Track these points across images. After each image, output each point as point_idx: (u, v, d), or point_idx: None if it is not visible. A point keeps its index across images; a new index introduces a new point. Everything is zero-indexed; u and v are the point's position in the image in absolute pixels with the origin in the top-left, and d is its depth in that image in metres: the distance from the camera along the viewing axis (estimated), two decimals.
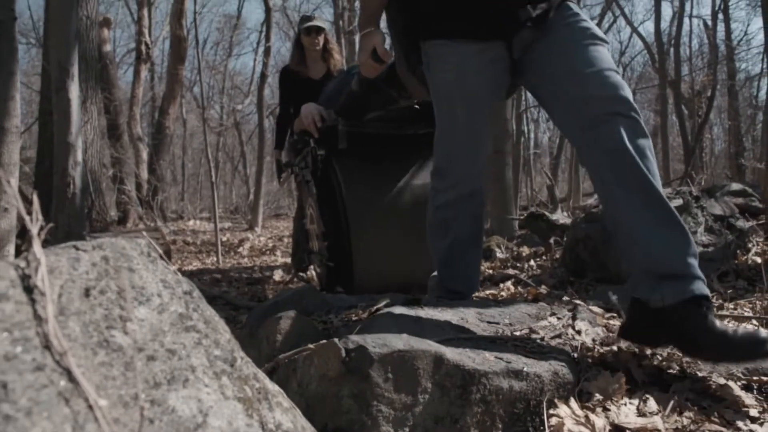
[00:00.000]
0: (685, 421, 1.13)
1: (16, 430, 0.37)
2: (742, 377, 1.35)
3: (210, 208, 18.94)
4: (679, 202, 3.34)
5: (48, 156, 5.20)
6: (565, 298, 2.46)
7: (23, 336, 0.44)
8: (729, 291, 2.63)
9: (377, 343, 1.01)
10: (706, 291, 1.36)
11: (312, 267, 3.24)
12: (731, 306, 2.29)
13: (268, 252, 6.60)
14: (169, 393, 0.54)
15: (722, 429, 1.11)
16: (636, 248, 1.39)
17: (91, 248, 0.57)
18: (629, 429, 1.09)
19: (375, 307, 1.53)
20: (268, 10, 13.17)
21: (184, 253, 6.42)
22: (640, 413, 1.17)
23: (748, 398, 1.23)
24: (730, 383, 1.28)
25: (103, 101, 7.65)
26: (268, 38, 13.04)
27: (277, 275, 4.07)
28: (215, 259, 5.51)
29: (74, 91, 4.10)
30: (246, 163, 21.54)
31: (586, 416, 1.10)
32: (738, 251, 3.51)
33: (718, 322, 1.32)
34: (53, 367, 0.44)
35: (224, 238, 7.73)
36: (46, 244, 0.54)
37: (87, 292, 0.54)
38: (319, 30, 3.86)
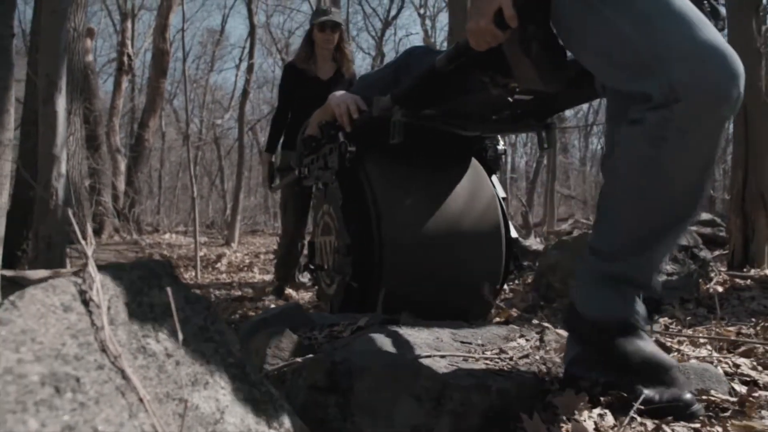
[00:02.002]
0: (636, 423, 1.25)
1: (89, 413, 0.47)
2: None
3: (186, 221, 18.87)
4: None
5: (30, 166, 5.22)
6: (535, 321, 2.59)
7: (86, 341, 0.54)
8: (689, 318, 2.77)
9: (361, 357, 1.12)
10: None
11: (302, 280, 3.18)
12: (689, 332, 2.44)
13: (245, 268, 6.66)
14: (193, 393, 0.65)
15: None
16: None
17: (129, 269, 0.67)
18: None
19: (356, 325, 1.63)
20: (252, 27, 13.29)
21: None
22: (597, 428, 1.28)
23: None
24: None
25: (84, 111, 7.68)
26: (251, 55, 13.14)
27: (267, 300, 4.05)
28: (194, 274, 5.56)
29: (61, 103, 4.15)
30: (224, 178, 21.53)
31: (548, 429, 1.21)
32: (700, 280, 3.67)
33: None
34: (110, 366, 0.54)
35: (201, 253, 7.76)
36: (25, 255, 0.65)
37: (128, 306, 0.64)
38: (335, 26, 3.54)
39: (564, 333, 1.97)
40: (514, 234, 2.38)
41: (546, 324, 1.96)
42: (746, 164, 5.03)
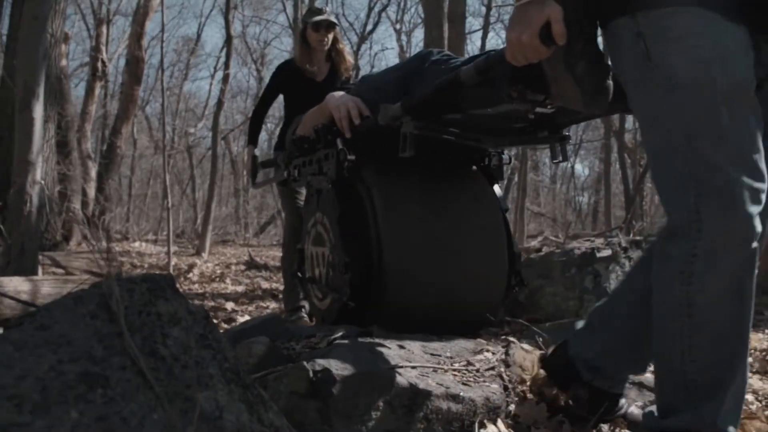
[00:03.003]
0: None
1: (117, 407, 0.55)
2: (645, 407, 1.59)
3: (156, 230, 18.68)
4: (608, 252, 3.66)
5: (3, 172, 5.20)
6: (502, 336, 2.69)
7: (110, 344, 0.62)
8: None
9: (339, 366, 1.21)
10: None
11: (301, 297, 2.93)
12: None
13: (217, 279, 6.67)
14: (195, 393, 0.73)
15: None
16: None
17: (139, 281, 0.76)
18: None
19: (332, 337, 1.71)
20: (229, 38, 13.35)
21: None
22: None
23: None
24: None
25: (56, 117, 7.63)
26: (227, 65, 13.17)
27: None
28: None
29: (38, 111, 4.17)
30: (195, 187, 21.39)
31: None
32: None
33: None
34: (131, 367, 0.62)
35: (173, 263, 7.74)
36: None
37: (140, 315, 0.72)
38: (329, 26, 3.36)
39: (528, 347, 2.07)
40: (515, 249, 2.28)
41: (512, 339, 2.06)
42: None
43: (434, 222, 2.10)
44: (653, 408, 1.23)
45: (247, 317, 3.68)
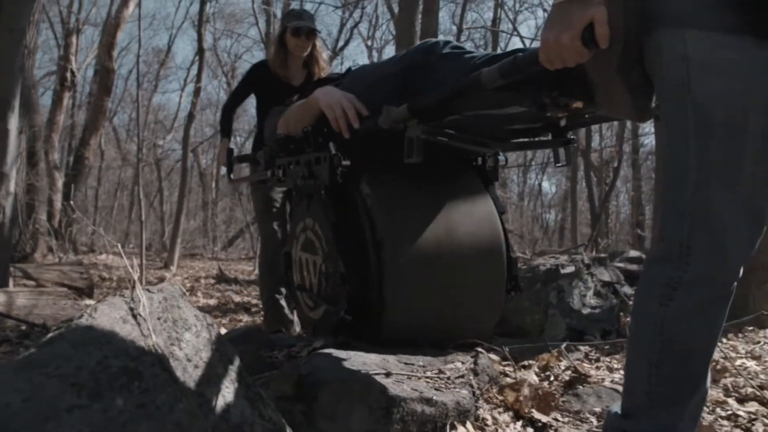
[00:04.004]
0: None
1: (151, 397, 0.66)
2: (603, 414, 1.73)
3: (123, 242, 18.45)
4: (572, 268, 3.82)
5: None
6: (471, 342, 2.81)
7: (140, 345, 0.72)
8: (607, 347, 3.07)
9: (324, 371, 1.32)
10: None
11: (285, 306, 2.90)
12: (607, 360, 2.72)
13: (188, 292, 6.69)
14: (206, 390, 0.83)
15: None
16: None
17: (157, 291, 0.86)
18: None
19: (312, 347, 1.82)
20: (201, 51, 13.36)
21: (102, 288, 6.41)
22: None
23: None
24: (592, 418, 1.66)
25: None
26: (199, 78, 13.18)
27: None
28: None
29: (13, 122, 4.19)
30: (162, 200, 21.20)
31: None
32: (621, 313, 4.00)
33: None
34: (158, 364, 0.72)
35: (138, 276, 7.72)
36: None
37: (159, 320, 0.82)
38: (310, 33, 3.25)
39: (495, 357, 2.20)
40: (513, 253, 2.22)
41: (480, 350, 2.18)
42: None
43: (434, 229, 2.00)
44: (617, 408, 1.31)
45: (223, 330, 3.74)
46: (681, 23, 1.10)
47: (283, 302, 3.27)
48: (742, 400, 2.02)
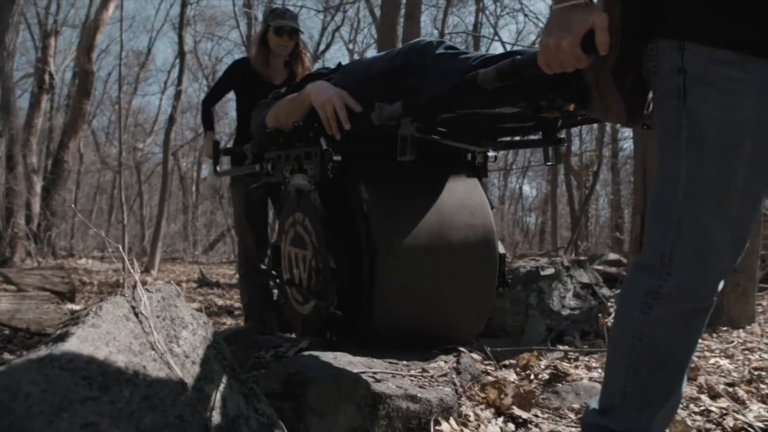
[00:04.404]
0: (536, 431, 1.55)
1: (155, 389, 0.69)
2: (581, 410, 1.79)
3: (103, 246, 18.25)
4: (551, 270, 3.89)
5: None
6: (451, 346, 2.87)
7: (143, 341, 0.76)
8: (586, 346, 3.14)
9: (312, 369, 1.36)
10: None
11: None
12: (585, 359, 2.79)
13: None
14: (204, 385, 0.87)
15: None
16: None
17: (155, 291, 0.89)
18: None
19: (299, 347, 1.85)
20: (182, 55, 13.31)
21: (84, 293, 6.36)
22: (502, 431, 1.57)
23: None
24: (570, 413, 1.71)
25: None
26: (180, 81, 13.12)
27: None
28: None
29: None
30: (142, 203, 21.03)
31: (462, 431, 1.48)
32: (600, 314, 4.08)
33: None
34: (160, 360, 0.76)
35: (121, 280, 7.67)
36: None
37: (158, 318, 0.86)
38: (292, 32, 3.22)
39: (477, 357, 2.25)
40: (501, 250, 2.21)
41: (462, 349, 2.24)
42: (644, 210, 5.61)
43: (428, 225, 2.00)
44: (595, 403, 1.34)
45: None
46: (681, 35, 1.10)
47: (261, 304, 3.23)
48: (714, 397, 2.10)
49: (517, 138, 2.16)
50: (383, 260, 1.92)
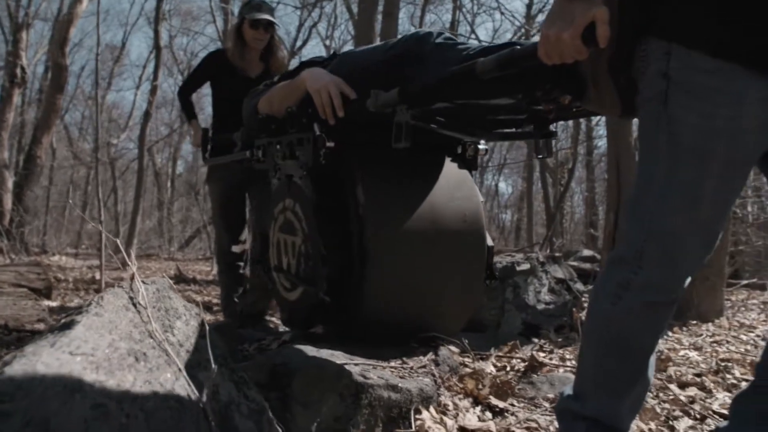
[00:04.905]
0: (512, 420, 1.61)
1: (156, 375, 0.73)
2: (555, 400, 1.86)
3: (76, 243, 18.03)
4: (527, 266, 3.98)
5: None
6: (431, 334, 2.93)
7: (142, 330, 0.80)
8: (560, 339, 3.23)
9: (297, 361, 1.40)
10: None
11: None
12: (560, 351, 2.87)
13: None
14: (198, 373, 0.91)
15: (533, 425, 1.59)
16: None
17: (151, 283, 0.93)
18: (470, 428, 1.54)
19: (282, 339, 1.90)
20: (158, 50, 13.19)
21: (59, 290, 6.30)
22: (480, 420, 1.63)
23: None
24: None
25: None
26: (156, 77, 13.00)
27: None
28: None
29: None
30: (117, 200, 20.77)
31: (442, 419, 1.54)
32: (574, 309, 4.18)
33: None
34: (158, 348, 0.80)
35: (98, 277, 7.61)
36: None
37: (154, 308, 0.90)
38: (269, 25, 3.19)
39: (454, 349, 2.31)
40: (490, 242, 2.23)
41: (441, 337, 2.29)
42: (617, 207, 5.73)
43: (418, 213, 2.01)
44: (569, 390, 1.39)
45: None
46: (670, 36, 1.13)
47: (238, 301, 3.24)
48: (683, 386, 2.19)
49: (510, 130, 2.16)
50: (374, 246, 1.92)
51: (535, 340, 3.15)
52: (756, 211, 9.05)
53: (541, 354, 2.59)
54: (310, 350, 1.72)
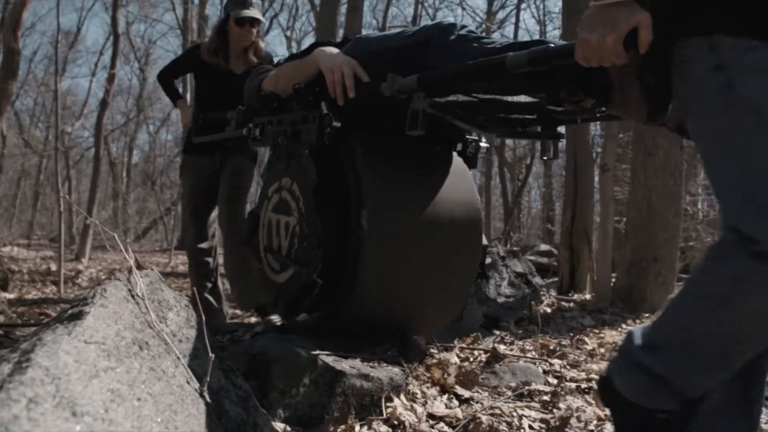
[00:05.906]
0: (477, 407, 1.70)
1: (158, 362, 0.79)
2: (517, 388, 1.96)
3: (28, 234, 17.55)
4: (488, 260, 4.09)
5: None
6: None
7: (142, 320, 0.85)
8: (520, 332, 3.35)
9: (273, 350, 1.46)
10: None
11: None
12: (520, 343, 2.98)
13: None
14: (190, 362, 0.96)
15: (498, 412, 1.68)
16: None
17: (144, 276, 0.98)
18: (438, 415, 1.62)
19: (254, 331, 1.94)
20: (116, 37, 12.91)
21: (15, 281, 6.17)
22: (447, 407, 1.71)
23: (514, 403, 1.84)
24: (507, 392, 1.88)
25: None
26: (113, 65, 12.72)
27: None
28: (54, 288, 5.42)
29: None
30: (71, 189, 20.27)
31: (411, 407, 1.61)
32: (533, 302, 4.32)
33: None
34: (158, 337, 0.85)
35: (53, 268, 7.46)
36: None
37: (150, 300, 0.95)
38: (254, 22, 3.12)
39: (421, 341, 2.40)
40: (484, 240, 2.23)
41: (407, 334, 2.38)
42: (574, 205, 5.92)
43: (418, 201, 2.00)
44: (640, 331, 1.22)
45: None
46: (709, 30, 1.12)
47: (209, 297, 3.26)
48: None
49: (519, 129, 2.13)
50: (371, 229, 1.89)
51: (496, 332, 3.26)
52: (705, 209, 9.43)
53: (502, 346, 2.69)
54: (284, 341, 1.77)
